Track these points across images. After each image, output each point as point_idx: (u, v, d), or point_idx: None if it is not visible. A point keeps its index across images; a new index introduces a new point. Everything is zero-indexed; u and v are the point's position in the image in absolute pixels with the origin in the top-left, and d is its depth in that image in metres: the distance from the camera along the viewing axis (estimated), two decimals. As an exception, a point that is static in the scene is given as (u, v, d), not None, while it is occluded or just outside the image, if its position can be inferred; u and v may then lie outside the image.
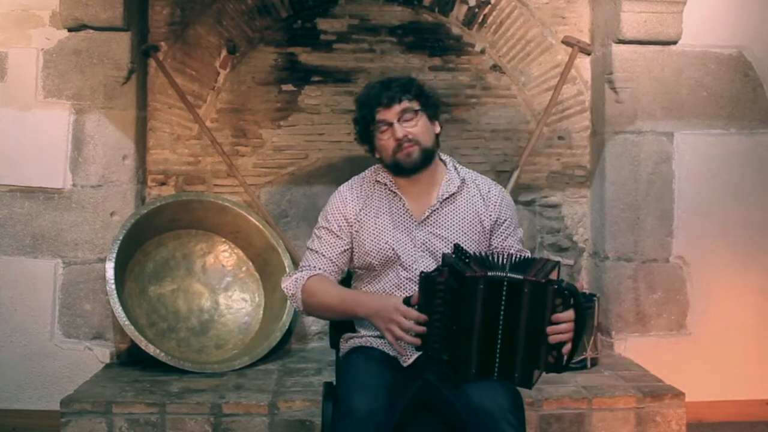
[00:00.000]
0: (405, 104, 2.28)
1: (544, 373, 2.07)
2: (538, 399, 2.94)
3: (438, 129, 2.37)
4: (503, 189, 2.46)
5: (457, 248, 2.11)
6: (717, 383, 3.59)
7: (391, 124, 2.27)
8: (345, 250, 2.34)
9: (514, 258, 2.09)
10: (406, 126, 2.27)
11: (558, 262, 2.11)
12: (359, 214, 2.34)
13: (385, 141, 2.29)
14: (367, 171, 2.44)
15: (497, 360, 2.05)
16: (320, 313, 2.34)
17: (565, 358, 2.03)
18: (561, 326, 2.00)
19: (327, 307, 2.28)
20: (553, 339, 2.00)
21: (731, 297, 3.62)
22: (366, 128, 2.33)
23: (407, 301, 2.09)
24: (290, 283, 2.32)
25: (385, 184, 2.36)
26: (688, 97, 3.61)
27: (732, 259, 3.63)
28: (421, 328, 2.04)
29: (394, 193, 2.35)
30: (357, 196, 2.36)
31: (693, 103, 3.61)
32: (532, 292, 2.00)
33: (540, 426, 2.93)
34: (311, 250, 2.37)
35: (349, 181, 2.44)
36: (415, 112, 2.29)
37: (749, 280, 3.64)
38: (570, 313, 2.01)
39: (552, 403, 2.95)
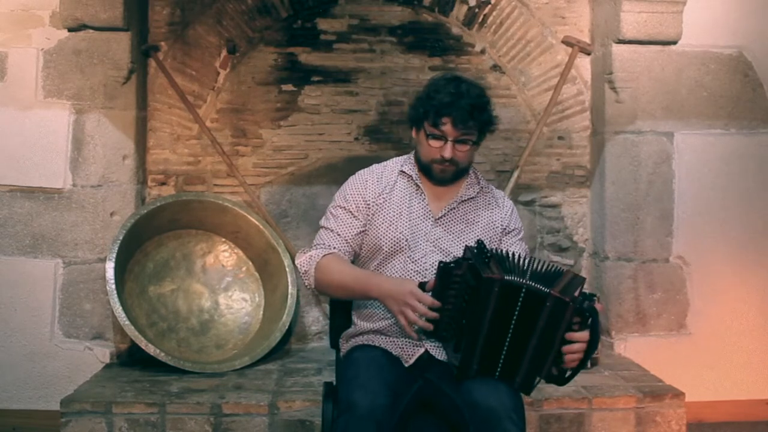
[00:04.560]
0: (469, 133, 2.27)
1: (543, 381, 2.09)
2: (538, 399, 2.93)
3: (475, 150, 2.37)
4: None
5: (480, 244, 2.12)
6: (717, 383, 3.59)
7: (446, 139, 2.26)
8: (360, 231, 2.35)
9: (539, 266, 2.08)
10: (457, 148, 2.27)
11: (584, 279, 2.11)
12: (378, 198, 2.35)
13: (431, 147, 2.29)
14: (389, 161, 2.46)
15: (501, 361, 2.06)
16: (332, 291, 2.33)
17: (569, 374, 2.06)
18: (574, 346, 2.03)
19: (340, 285, 2.28)
20: (566, 356, 2.02)
21: (731, 297, 3.62)
22: (423, 118, 2.30)
23: (422, 286, 2.11)
24: (304, 260, 2.33)
25: (411, 176, 2.38)
26: (688, 97, 3.61)
27: (732, 259, 3.63)
28: (434, 314, 2.06)
29: (417, 185, 2.37)
30: (378, 181, 2.38)
31: (693, 103, 3.61)
32: (553, 307, 2.01)
33: (540, 426, 2.93)
34: (326, 228, 2.37)
35: (370, 167, 2.44)
36: (472, 143, 2.30)
37: (749, 280, 3.64)
38: (585, 334, 2.03)
39: (552, 403, 2.95)
